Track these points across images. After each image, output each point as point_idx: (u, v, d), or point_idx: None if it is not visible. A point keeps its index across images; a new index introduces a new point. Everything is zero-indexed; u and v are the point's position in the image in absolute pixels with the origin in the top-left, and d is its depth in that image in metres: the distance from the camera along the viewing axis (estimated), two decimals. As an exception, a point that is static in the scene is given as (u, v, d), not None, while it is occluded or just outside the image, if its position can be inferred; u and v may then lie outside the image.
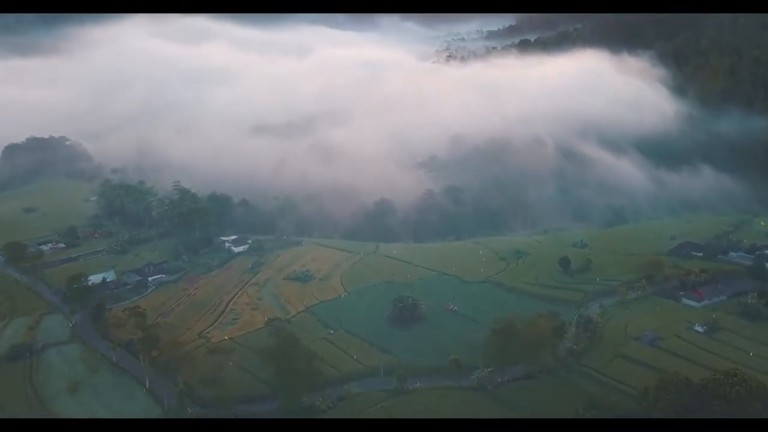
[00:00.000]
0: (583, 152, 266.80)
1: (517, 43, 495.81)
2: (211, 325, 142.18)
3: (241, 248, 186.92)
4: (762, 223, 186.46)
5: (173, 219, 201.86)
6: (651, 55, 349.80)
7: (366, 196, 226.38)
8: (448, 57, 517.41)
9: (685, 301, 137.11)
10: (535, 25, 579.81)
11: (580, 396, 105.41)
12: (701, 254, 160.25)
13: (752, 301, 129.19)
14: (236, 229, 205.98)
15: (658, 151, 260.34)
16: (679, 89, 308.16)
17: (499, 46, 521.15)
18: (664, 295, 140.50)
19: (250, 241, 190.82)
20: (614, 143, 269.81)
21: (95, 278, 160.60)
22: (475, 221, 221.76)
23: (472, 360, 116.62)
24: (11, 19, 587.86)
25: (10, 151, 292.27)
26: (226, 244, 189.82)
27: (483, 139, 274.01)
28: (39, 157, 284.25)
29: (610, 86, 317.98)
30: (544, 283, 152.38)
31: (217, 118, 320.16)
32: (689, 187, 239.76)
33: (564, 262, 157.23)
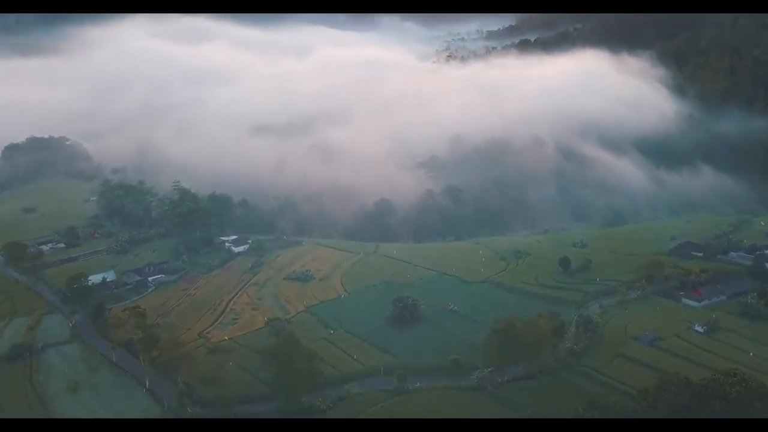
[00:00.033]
0: (583, 152, 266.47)
1: (517, 43, 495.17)
2: (211, 325, 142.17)
3: (241, 248, 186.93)
4: (762, 223, 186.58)
5: (173, 219, 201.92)
6: (651, 55, 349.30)
7: (366, 196, 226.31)
8: (448, 57, 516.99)
9: (685, 301, 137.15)
10: (535, 25, 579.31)
11: (580, 396, 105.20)
12: (701, 254, 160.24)
13: (752, 301, 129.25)
14: (236, 229, 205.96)
15: (658, 151, 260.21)
16: (679, 89, 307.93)
17: (499, 46, 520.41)
18: (664, 295, 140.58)
19: (250, 241, 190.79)
20: (614, 143, 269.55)
21: (95, 278, 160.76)
22: (475, 221, 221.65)
23: (472, 360, 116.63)
24: (11, 19, 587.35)
25: (10, 151, 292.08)
26: (226, 244, 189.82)
27: (483, 139, 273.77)
28: (39, 157, 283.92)
29: (610, 86, 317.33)
30: (544, 283, 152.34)
31: (217, 118, 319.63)
32: (689, 187, 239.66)
33: (564, 262, 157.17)
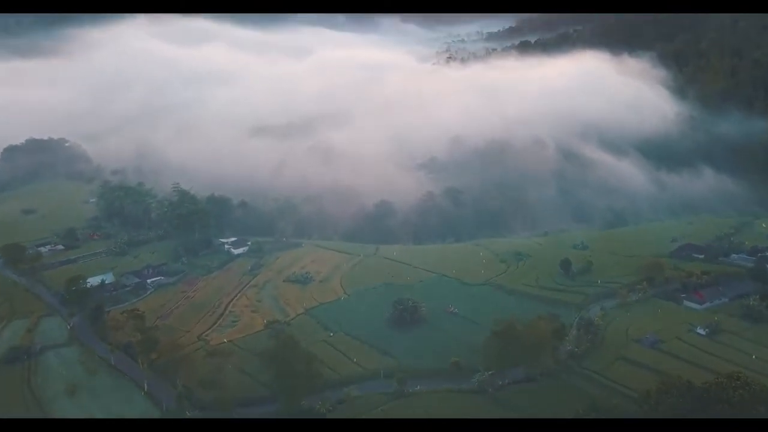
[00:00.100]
0: (584, 154, 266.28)
1: (517, 45, 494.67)
2: (210, 328, 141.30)
3: (240, 250, 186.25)
4: (763, 225, 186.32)
5: (172, 221, 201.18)
6: (651, 57, 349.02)
7: (366, 197, 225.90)
8: (448, 58, 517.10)
9: (687, 303, 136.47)
10: (535, 27, 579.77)
11: (581, 399, 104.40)
12: (702, 256, 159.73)
13: (754, 303, 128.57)
14: (235, 231, 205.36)
15: (659, 153, 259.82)
16: (679, 90, 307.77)
17: (499, 48, 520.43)
18: (666, 298, 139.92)
19: (249, 243, 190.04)
20: (615, 145, 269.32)
21: (94, 280, 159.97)
22: (476, 223, 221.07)
23: (473, 362, 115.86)
24: (11, 21, 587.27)
25: (10, 152, 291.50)
26: (226, 246, 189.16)
27: (483, 141, 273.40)
28: (38, 159, 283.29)
29: (610, 87, 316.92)
30: (545, 285, 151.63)
31: (217, 120, 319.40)
32: (690, 188, 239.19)
33: (565, 264, 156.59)
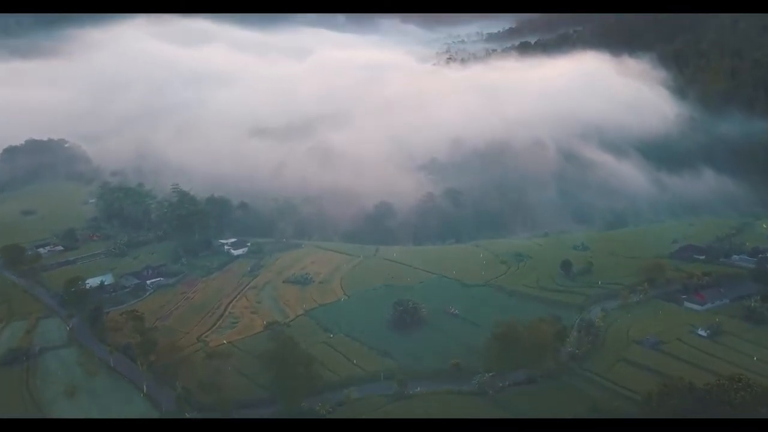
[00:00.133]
0: (584, 154, 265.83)
1: (517, 46, 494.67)
2: (210, 329, 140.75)
3: (240, 251, 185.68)
4: (764, 226, 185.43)
5: (172, 222, 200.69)
6: (651, 57, 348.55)
7: (366, 198, 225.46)
8: (448, 59, 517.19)
9: (688, 304, 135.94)
10: (535, 28, 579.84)
11: (582, 400, 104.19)
12: (703, 257, 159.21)
13: (756, 304, 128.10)
14: (235, 232, 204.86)
15: (659, 154, 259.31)
16: (680, 91, 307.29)
17: (499, 49, 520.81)
18: (667, 299, 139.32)
19: (249, 244, 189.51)
20: (615, 145, 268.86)
21: (93, 281, 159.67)
22: (476, 224, 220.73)
23: (473, 364, 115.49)
24: (11, 21, 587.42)
25: (9, 153, 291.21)
26: (225, 247, 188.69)
27: (483, 142, 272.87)
28: (38, 160, 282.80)
29: (610, 88, 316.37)
30: (545, 287, 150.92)
31: (217, 121, 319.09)
32: (691, 189, 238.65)
33: (565, 265, 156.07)
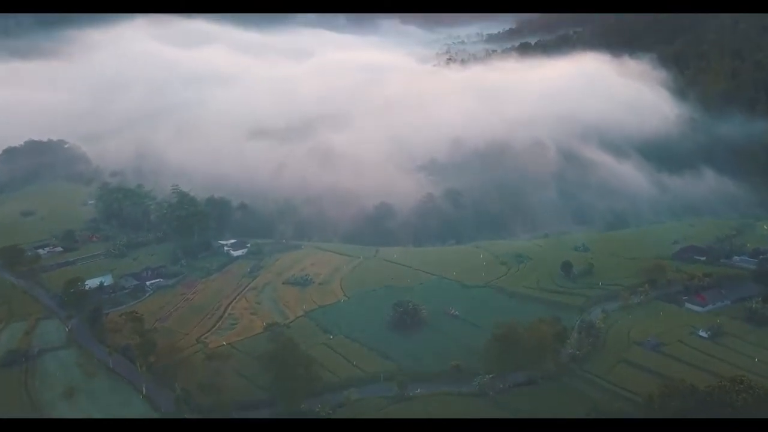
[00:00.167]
0: (584, 155, 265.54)
1: (517, 46, 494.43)
2: (209, 330, 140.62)
3: (239, 252, 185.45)
4: (765, 227, 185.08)
5: (171, 223, 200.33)
6: (652, 58, 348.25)
7: (366, 199, 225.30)
8: (449, 60, 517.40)
9: (689, 305, 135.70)
10: (535, 28, 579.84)
11: (583, 402, 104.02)
12: (704, 258, 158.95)
13: (757, 305, 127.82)
14: (235, 233, 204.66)
15: (660, 155, 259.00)
16: (680, 92, 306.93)
17: (499, 49, 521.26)
18: (667, 300, 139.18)
19: (248, 245, 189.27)
20: (615, 146, 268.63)
21: (92, 282, 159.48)
22: (476, 225, 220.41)
23: (474, 365, 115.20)
24: (11, 22, 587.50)
25: (9, 154, 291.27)
26: (225, 248, 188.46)
27: (483, 142, 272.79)
28: (37, 161, 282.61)
29: (610, 89, 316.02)
30: (546, 288, 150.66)
31: (217, 121, 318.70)
32: (691, 190, 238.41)
33: (566, 266, 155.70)
